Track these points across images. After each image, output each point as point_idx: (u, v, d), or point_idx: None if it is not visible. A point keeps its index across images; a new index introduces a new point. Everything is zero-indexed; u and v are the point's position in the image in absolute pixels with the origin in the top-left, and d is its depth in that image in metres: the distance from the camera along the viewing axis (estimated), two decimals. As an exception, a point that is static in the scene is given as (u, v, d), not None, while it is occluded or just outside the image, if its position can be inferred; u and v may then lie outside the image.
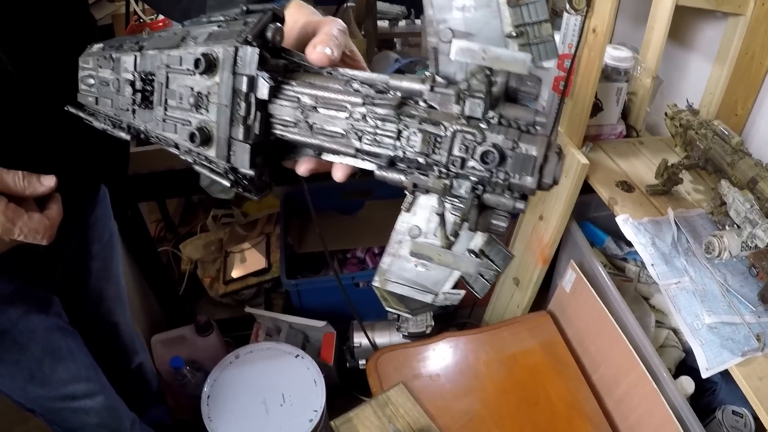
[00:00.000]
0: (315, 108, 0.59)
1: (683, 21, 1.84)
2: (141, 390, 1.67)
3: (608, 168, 1.68)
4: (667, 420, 1.29)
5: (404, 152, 0.56)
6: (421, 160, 0.55)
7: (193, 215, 2.69)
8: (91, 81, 0.69)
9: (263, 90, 0.58)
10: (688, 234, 1.50)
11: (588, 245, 1.66)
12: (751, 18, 1.62)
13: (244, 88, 0.57)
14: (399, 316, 1.90)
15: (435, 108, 0.56)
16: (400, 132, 0.56)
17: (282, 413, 1.78)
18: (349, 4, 2.20)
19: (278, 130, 0.61)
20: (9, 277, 1.02)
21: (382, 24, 2.39)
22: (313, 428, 1.74)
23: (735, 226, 1.44)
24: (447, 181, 0.55)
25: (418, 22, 2.52)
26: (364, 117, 0.57)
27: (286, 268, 2.07)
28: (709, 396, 1.53)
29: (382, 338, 1.96)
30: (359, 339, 1.96)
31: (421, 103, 0.57)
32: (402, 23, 2.46)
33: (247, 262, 2.29)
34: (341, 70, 0.62)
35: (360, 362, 1.95)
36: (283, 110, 0.60)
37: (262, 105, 0.59)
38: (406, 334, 1.91)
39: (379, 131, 0.57)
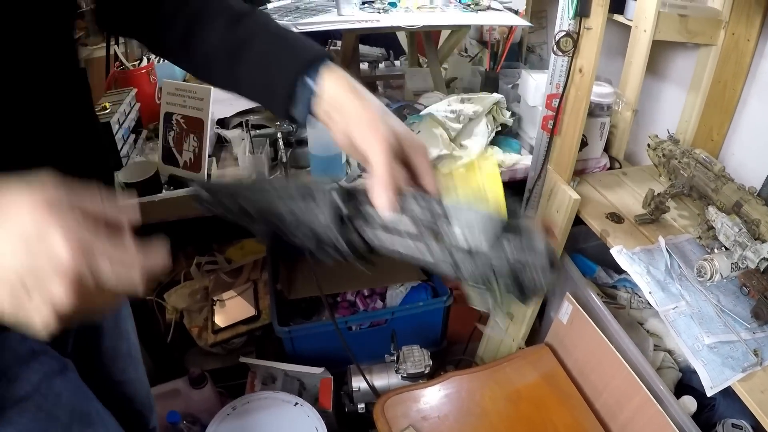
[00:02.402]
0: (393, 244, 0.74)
1: (657, 53, 1.90)
2: None
3: (596, 201, 1.72)
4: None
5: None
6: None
7: (175, 263, 2.65)
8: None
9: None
10: (680, 259, 1.53)
11: (581, 276, 1.69)
12: (722, 48, 1.68)
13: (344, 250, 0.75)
14: (397, 358, 1.89)
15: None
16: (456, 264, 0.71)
17: (285, 463, 1.76)
18: (332, 48, 2.22)
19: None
20: (20, 335, 0.92)
21: (363, 67, 2.42)
22: (319, 477, 1.72)
23: (723, 248, 1.48)
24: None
25: (397, 63, 2.55)
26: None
27: (280, 316, 2.05)
28: (709, 411, 1.56)
29: (380, 381, 1.94)
30: (357, 383, 1.94)
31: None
32: (382, 65, 2.49)
33: (235, 310, 2.26)
34: (405, 206, 0.74)
35: (359, 406, 1.93)
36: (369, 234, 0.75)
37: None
38: (405, 375, 1.90)
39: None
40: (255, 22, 0.89)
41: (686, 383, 1.58)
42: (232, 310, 2.27)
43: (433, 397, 1.49)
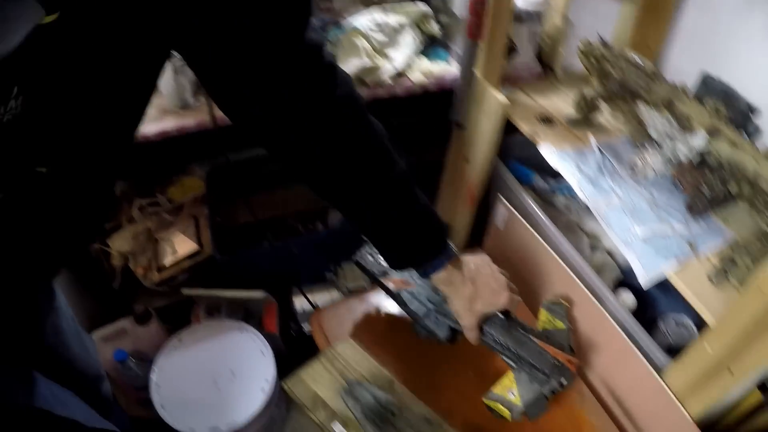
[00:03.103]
0: None
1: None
2: (106, 409, 1.61)
3: (528, 106, 1.71)
4: (613, 334, 1.32)
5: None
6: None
7: (117, 209, 2.60)
8: None
9: None
10: (612, 158, 1.53)
11: (515, 181, 1.68)
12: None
13: None
14: (337, 274, 1.90)
15: None
16: None
17: (234, 388, 1.76)
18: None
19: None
20: None
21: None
22: (267, 398, 1.73)
23: (656, 145, 1.48)
24: None
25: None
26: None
27: (219, 244, 2.05)
28: (650, 309, 1.57)
29: (322, 299, 1.95)
30: (300, 304, 1.95)
31: None
32: (309, -12, 2.43)
33: (179, 246, 2.22)
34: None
35: (304, 327, 1.94)
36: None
37: None
38: (346, 291, 1.90)
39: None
40: (405, 195, 1.06)
41: (627, 283, 1.59)
42: (175, 247, 2.23)
43: (371, 307, 1.48)
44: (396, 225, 1.07)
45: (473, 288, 1.17)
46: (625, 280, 1.60)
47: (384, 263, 1.30)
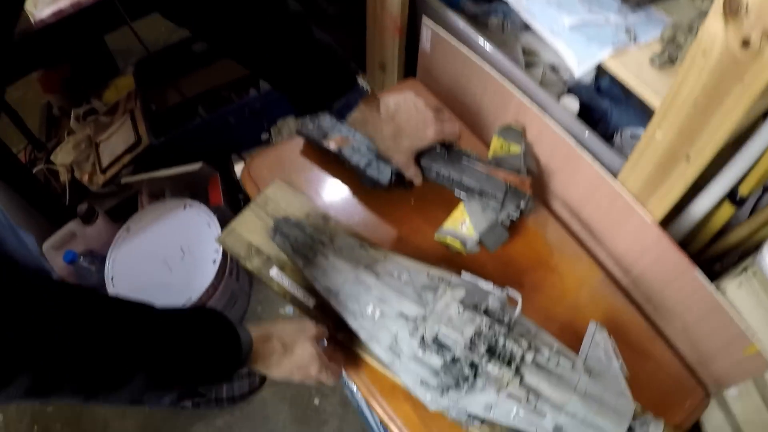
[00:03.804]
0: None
1: None
2: None
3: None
4: (557, 141, 1.24)
5: None
6: None
7: (57, 126, 2.54)
8: None
9: None
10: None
11: (441, 5, 1.57)
12: None
13: None
14: (270, 132, 1.83)
15: None
16: None
17: (185, 265, 1.73)
18: None
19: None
20: None
21: None
22: (218, 268, 1.69)
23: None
24: None
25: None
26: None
27: (156, 131, 1.99)
28: (603, 125, 1.49)
29: (261, 159, 1.91)
30: (241, 170, 1.90)
31: None
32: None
33: (118, 143, 2.17)
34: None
35: (249, 193, 1.90)
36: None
37: None
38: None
39: None
40: (301, 33, 1.04)
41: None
42: (114, 145, 2.18)
43: (299, 149, 1.40)
44: (298, 64, 1.06)
45: (394, 125, 1.14)
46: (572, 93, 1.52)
47: (324, 125, 1.30)
